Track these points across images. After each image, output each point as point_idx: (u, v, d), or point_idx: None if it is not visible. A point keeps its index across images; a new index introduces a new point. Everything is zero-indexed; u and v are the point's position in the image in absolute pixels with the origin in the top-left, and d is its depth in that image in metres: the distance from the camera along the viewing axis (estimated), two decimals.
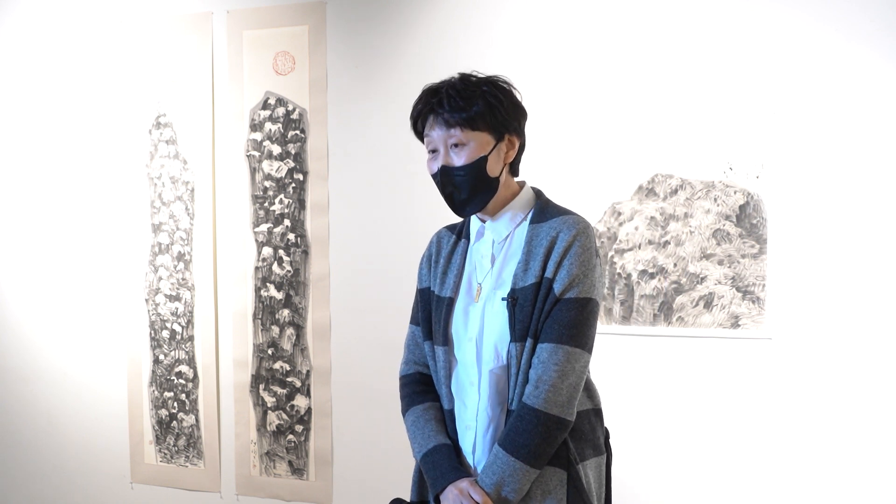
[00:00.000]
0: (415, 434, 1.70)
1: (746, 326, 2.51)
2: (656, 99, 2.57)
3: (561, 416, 1.55)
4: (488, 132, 1.60)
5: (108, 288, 3.34)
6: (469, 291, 1.68)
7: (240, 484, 3.20)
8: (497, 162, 1.62)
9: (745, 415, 2.53)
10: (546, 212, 1.65)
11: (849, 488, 2.43)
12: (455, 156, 1.60)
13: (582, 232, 1.59)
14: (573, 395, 1.57)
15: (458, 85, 1.61)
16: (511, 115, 1.63)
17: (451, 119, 1.58)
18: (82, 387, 3.41)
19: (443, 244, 1.76)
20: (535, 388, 1.55)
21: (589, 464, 1.64)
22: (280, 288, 3.09)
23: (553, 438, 1.55)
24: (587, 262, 1.58)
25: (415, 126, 1.67)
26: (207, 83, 3.14)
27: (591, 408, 1.68)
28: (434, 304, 1.71)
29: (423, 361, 1.78)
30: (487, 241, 1.69)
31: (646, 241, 2.61)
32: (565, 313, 1.56)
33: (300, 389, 3.09)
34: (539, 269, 1.58)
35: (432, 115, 1.61)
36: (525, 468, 1.55)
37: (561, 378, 1.55)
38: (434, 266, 1.75)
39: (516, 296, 1.58)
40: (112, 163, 3.30)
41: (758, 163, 2.48)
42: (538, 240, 1.60)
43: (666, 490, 2.62)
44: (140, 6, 3.22)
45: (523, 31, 2.71)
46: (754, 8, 2.47)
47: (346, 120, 2.97)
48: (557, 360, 1.55)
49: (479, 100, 1.59)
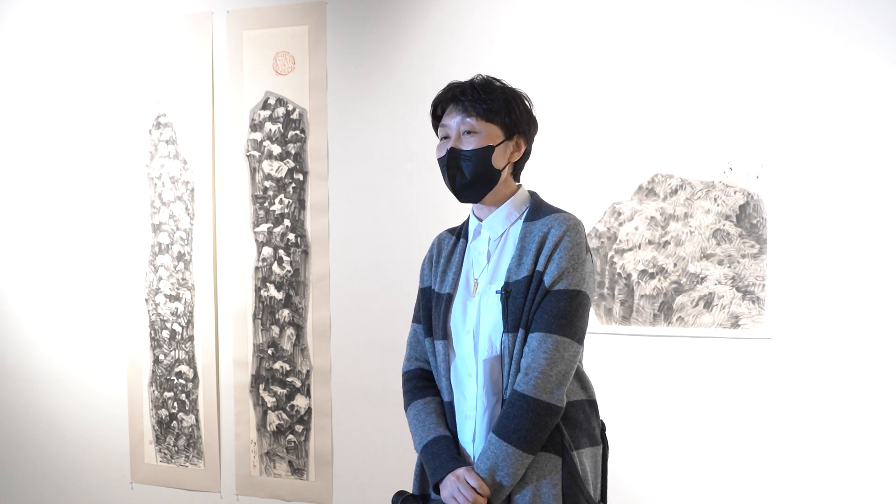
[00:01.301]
0: (416, 427, 1.77)
1: (746, 326, 2.51)
2: (656, 99, 2.57)
3: (550, 402, 1.61)
4: (500, 127, 1.71)
5: (108, 288, 3.34)
6: (467, 287, 1.76)
7: (240, 484, 3.20)
8: (502, 157, 1.73)
9: (745, 415, 2.53)
10: (539, 210, 1.74)
11: (849, 488, 2.43)
12: (465, 141, 1.71)
13: (572, 228, 1.67)
14: (562, 382, 1.63)
15: (482, 82, 1.74)
16: (523, 120, 1.74)
17: (470, 107, 1.70)
18: (82, 387, 3.41)
19: (443, 245, 1.85)
20: (525, 376, 1.62)
21: (584, 452, 1.69)
22: (280, 288, 3.09)
23: (544, 424, 1.61)
24: (577, 257, 1.66)
25: (434, 111, 1.78)
26: (207, 83, 3.14)
27: (584, 398, 1.73)
28: (434, 300, 1.80)
29: (424, 358, 1.85)
30: (484, 239, 1.77)
31: (646, 241, 2.61)
32: (555, 304, 1.63)
33: (300, 389, 3.09)
34: (531, 263, 1.66)
35: (453, 102, 1.73)
36: (518, 453, 1.60)
37: (550, 365, 1.61)
38: (435, 266, 1.84)
39: (510, 289, 1.66)
40: (112, 163, 3.30)
41: (758, 163, 2.48)
42: (531, 236, 1.69)
43: (666, 490, 2.62)
44: (140, 6, 3.22)
45: (524, 32, 2.71)
46: (754, 8, 2.47)
47: (346, 120, 2.97)
48: (546, 349, 1.61)
49: (500, 97, 1.71)
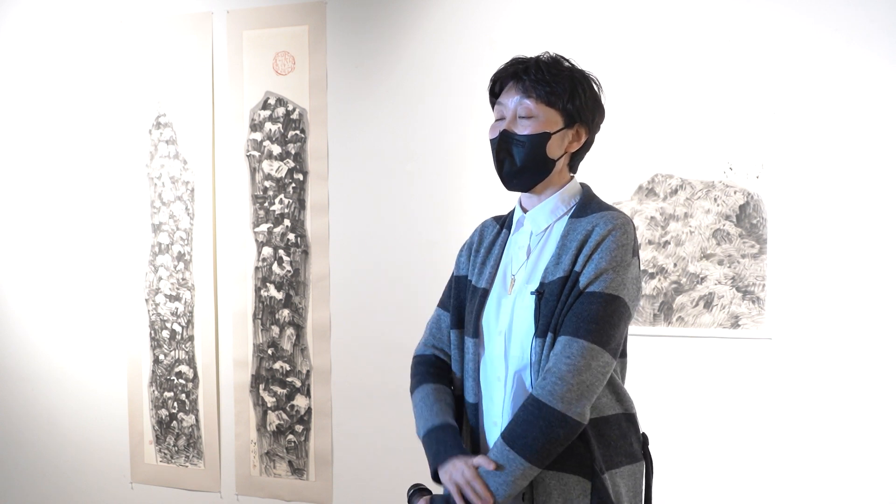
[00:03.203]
0: (421, 410, 1.61)
1: (746, 326, 2.51)
2: (656, 99, 2.57)
3: (565, 414, 1.43)
4: (561, 114, 1.57)
5: (108, 288, 3.34)
6: (504, 283, 1.61)
7: (240, 484, 3.20)
8: (559, 146, 1.58)
9: (745, 415, 2.53)
10: (588, 207, 1.59)
11: (849, 488, 2.43)
12: (521, 124, 1.56)
13: (619, 227, 1.52)
14: (584, 395, 1.45)
15: (549, 61, 1.58)
16: (588, 107, 1.59)
17: (532, 89, 1.55)
18: (82, 387, 3.41)
19: (486, 234, 1.71)
20: (543, 379, 1.46)
21: (620, 472, 1.55)
22: (280, 288, 3.09)
23: (555, 436, 1.43)
24: (619, 258, 1.50)
25: (493, 88, 1.64)
26: (207, 83, 3.14)
27: (621, 412, 1.58)
28: (469, 293, 1.66)
29: (443, 346, 1.71)
30: (525, 233, 1.63)
31: (646, 241, 2.61)
32: (587, 306, 1.47)
33: (300, 389, 3.09)
34: (570, 262, 1.51)
35: (514, 80, 1.58)
36: (520, 461, 1.44)
37: (571, 372, 1.44)
38: (474, 255, 1.70)
39: (543, 289, 1.51)
40: (112, 163, 3.30)
41: (758, 163, 2.48)
42: (574, 234, 1.54)
43: (666, 489, 2.62)
44: (140, 6, 3.22)
45: (523, 31, 2.71)
46: (754, 8, 2.47)
47: (346, 120, 2.97)
48: (570, 354, 1.45)
49: (566, 81, 1.56)
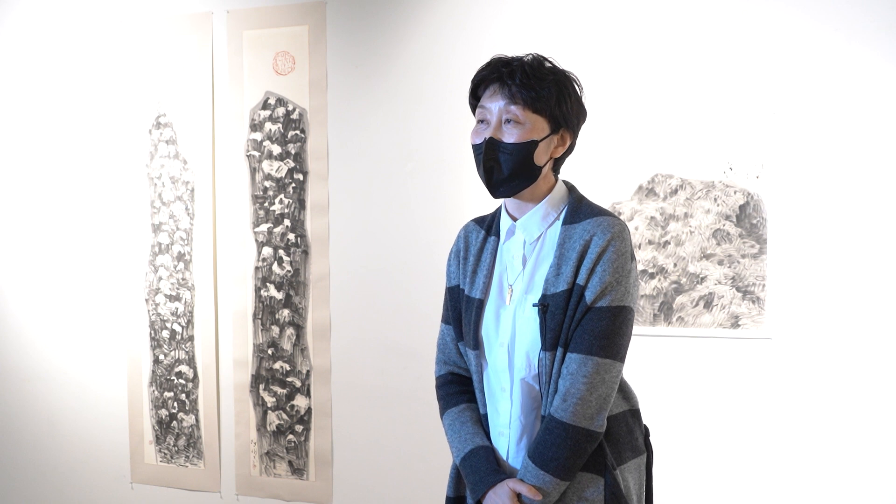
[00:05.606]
0: (452, 438, 1.67)
1: (746, 326, 2.51)
2: (656, 99, 2.57)
3: (590, 429, 1.52)
4: (547, 120, 1.55)
5: (108, 288, 3.34)
6: (500, 293, 1.62)
7: (240, 484, 3.20)
8: (545, 152, 1.57)
9: (745, 415, 2.53)
10: (579, 211, 1.59)
11: (849, 488, 2.43)
12: (507, 131, 1.54)
13: (617, 236, 1.53)
14: (603, 407, 1.53)
15: (533, 63, 1.55)
16: (573, 112, 1.59)
17: (518, 94, 1.52)
18: (82, 387, 3.41)
19: (471, 240, 1.70)
20: (564, 402, 1.51)
21: (627, 467, 1.61)
22: (280, 288, 3.09)
23: (582, 450, 1.52)
24: (621, 268, 1.52)
25: (474, 91, 1.61)
26: (207, 83, 3.14)
27: (627, 409, 1.64)
28: (464, 304, 1.66)
29: (455, 360, 1.73)
30: (518, 241, 1.63)
31: (646, 241, 2.61)
32: (596, 323, 1.51)
33: (300, 389, 3.09)
34: (571, 274, 1.52)
35: (498, 83, 1.55)
36: (555, 481, 1.52)
37: (590, 390, 1.51)
38: (463, 263, 1.69)
39: (547, 302, 1.53)
40: (112, 163, 3.30)
41: (758, 163, 2.48)
42: (570, 242, 1.54)
43: (667, 489, 2.62)
44: (140, 6, 3.22)
45: (523, 31, 2.71)
46: (754, 8, 2.47)
47: (346, 120, 2.97)
48: (586, 373, 1.50)
49: (552, 85, 1.54)
